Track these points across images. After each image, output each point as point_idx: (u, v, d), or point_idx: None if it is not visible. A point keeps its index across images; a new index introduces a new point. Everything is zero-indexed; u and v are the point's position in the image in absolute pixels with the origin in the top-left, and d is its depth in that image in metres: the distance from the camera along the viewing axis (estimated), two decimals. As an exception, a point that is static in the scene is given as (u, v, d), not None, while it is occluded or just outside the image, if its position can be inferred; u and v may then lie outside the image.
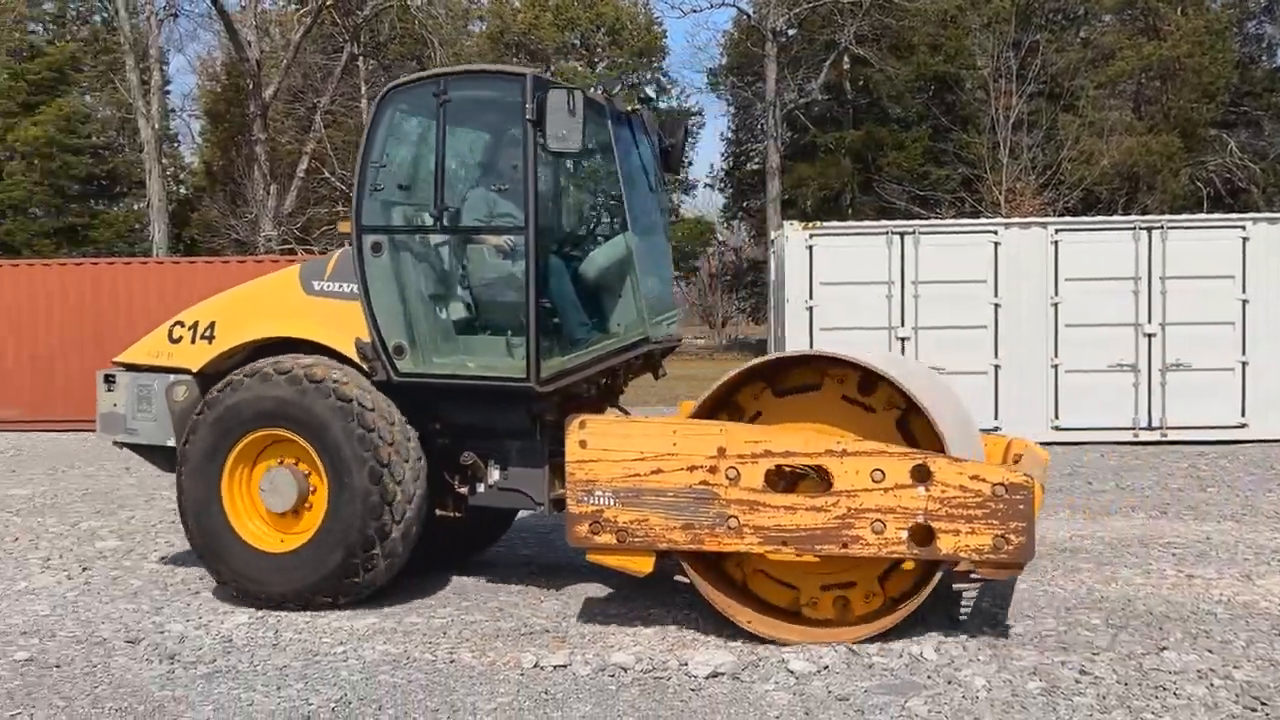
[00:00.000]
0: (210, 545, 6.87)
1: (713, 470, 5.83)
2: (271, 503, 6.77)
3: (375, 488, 6.52)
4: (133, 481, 12.31)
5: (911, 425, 5.97)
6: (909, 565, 5.97)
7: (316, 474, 6.72)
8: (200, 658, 5.87)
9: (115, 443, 7.72)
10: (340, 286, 6.98)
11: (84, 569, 7.98)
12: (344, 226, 7.24)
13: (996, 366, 14.75)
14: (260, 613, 6.71)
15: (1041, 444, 7.83)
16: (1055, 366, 14.73)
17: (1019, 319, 14.77)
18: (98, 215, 44.84)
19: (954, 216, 32.28)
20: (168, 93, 41.38)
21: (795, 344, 14.86)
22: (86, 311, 19.28)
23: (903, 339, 14.78)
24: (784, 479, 5.95)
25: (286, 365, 6.75)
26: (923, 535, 5.63)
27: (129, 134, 44.52)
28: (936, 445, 5.71)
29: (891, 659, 5.67)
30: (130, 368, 7.60)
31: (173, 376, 7.32)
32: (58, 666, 5.73)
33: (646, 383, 8.22)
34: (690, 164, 48.77)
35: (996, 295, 14.78)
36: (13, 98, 42.18)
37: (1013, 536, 5.50)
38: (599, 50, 45.18)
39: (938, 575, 5.81)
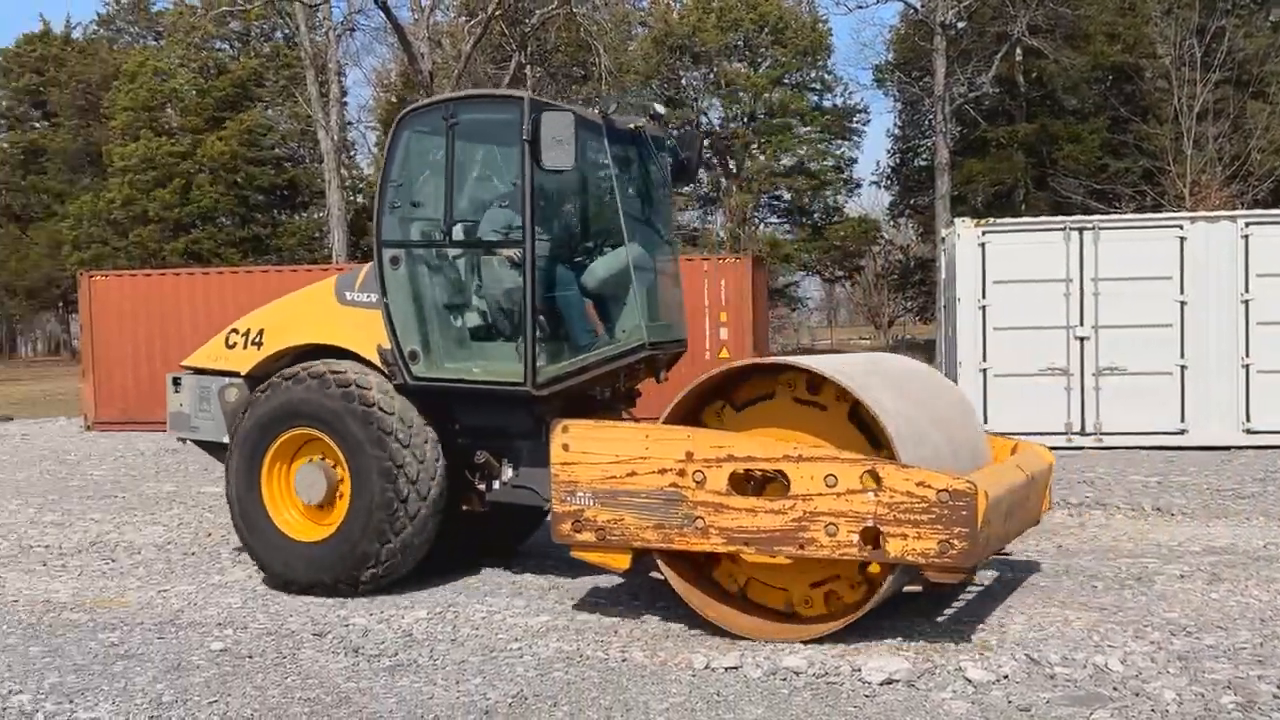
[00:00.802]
0: (250, 533, 7.50)
1: (681, 474, 6.09)
2: (304, 495, 7.32)
3: (390, 485, 7.00)
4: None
5: (862, 415, 6.09)
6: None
7: (343, 470, 7.22)
8: (383, 651, 6.07)
9: (179, 439, 8.56)
10: (368, 297, 7.50)
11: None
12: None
13: (1182, 367, 14.11)
14: (438, 608, 6.90)
15: (1232, 448, 7.47)
16: (1246, 366, 14.01)
17: (1206, 317, 14.10)
18: (280, 224, 46.91)
19: (1134, 211, 31.04)
20: (345, 105, 42.92)
21: (966, 344, 14.55)
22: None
23: (1081, 338, 14.27)
24: (754, 482, 6.09)
25: (319, 369, 7.32)
26: (872, 538, 5.75)
27: (309, 145, 46.38)
28: (884, 435, 5.87)
29: (1075, 669, 5.48)
30: (195, 371, 8.35)
31: (226, 379, 8.06)
32: (250, 657, 5.99)
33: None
34: (855, 161, 48.19)
35: (1182, 292, 14.15)
36: (200, 114, 44.44)
37: (956, 541, 5.58)
38: (762, 51, 44.96)
39: (890, 577, 5.87)
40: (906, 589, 6.37)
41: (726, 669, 5.64)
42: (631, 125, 7.67)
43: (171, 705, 5.23)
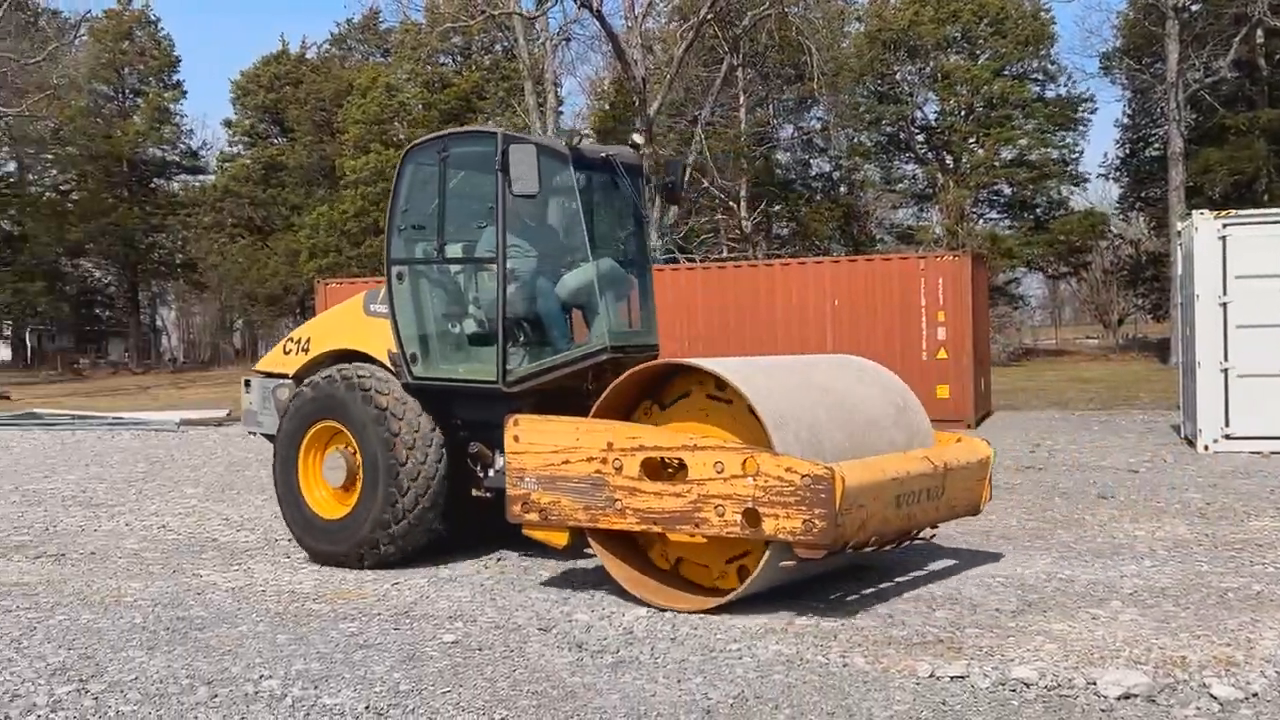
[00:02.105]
0: (288, 510, 8.75)
1: (604, 461, 6.87)
2: (330, 479, 8.47)
3: (390, 472, 8.05)
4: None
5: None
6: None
7: (358, 457, 8.30)
8: (605, 647, 6.17)
9: (250, 432, 10.14)
10: (385, 308, 8.62)
11: (498, 559, 8.60)
12: None
13: None
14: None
15: None
16: None
17: None
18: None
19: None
20: (560, 114, 43.90)
21: (1205, 343, 13.80)
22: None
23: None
24: (670, 469, 6.79)
25: (346, 372, 8.48)
26: (752, 518, 6.41)
27: (527, 154, 47.61)
28: (762, 426, 6.54)
29: (1335, 691, 5.11)
30: (262, 374, 9.70)
31: (280, 380, 9.38)
32: (480, 649, 6.20)
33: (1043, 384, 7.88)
34: (1081, 152, 46.22)
35: None
36: (426, 126, 46.25)
37: (817, 521, 6.20)
38: (981, 42, 43.70)
39: (768, 552, 6.53)
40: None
41: (952, 678, 5.50)
42: (602, 154, 8.44)
43: (408, 694, 5.46)
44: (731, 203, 41.64)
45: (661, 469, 6.80)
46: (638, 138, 9.27)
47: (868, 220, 47.98)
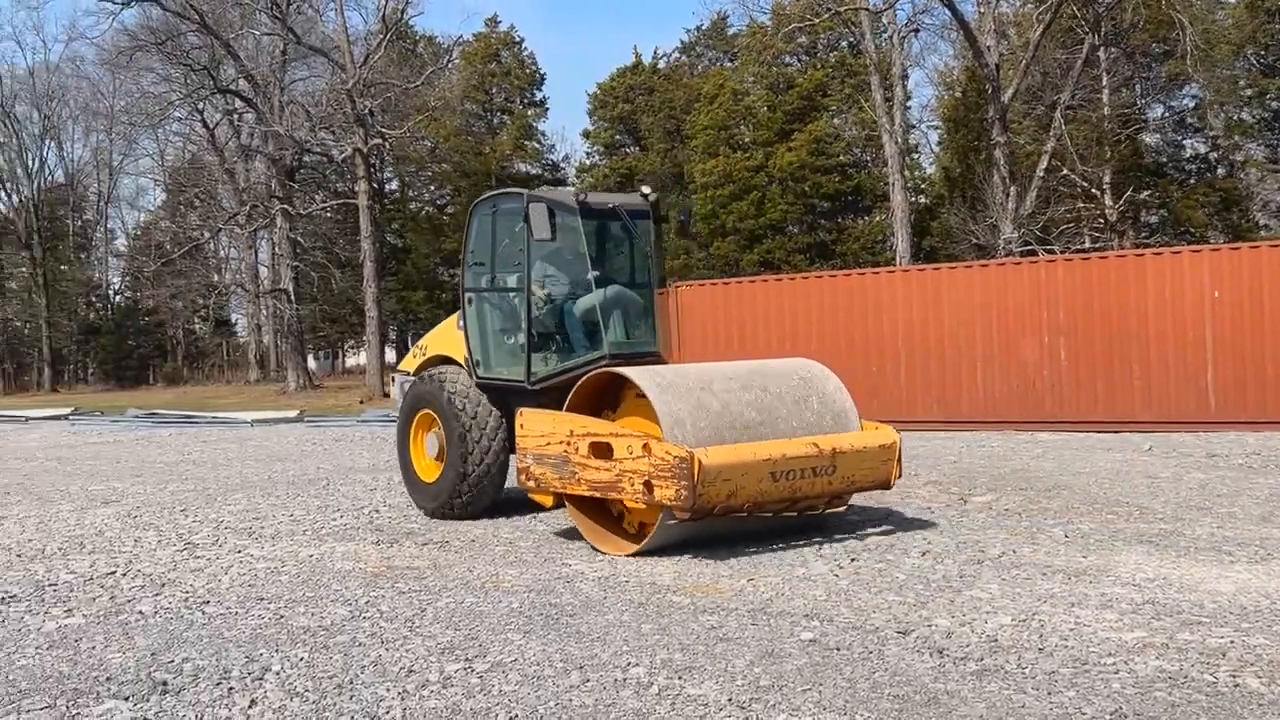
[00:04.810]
0: (405, 475, 11.71)
1: (568, 444, 9.11)
2: (429, 452, 11.29)
3: (460, 449, 10.73)
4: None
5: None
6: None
7: (443, 436, 11.00)
8: (968, 654, 6.00)
9: (393, 419, 13.00)
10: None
11: (852, 560, 8.53)
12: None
13: None
14: (1022, 615, 6.72)
15: None
16: None
17: None
18: (845, 230, 48.04)
19: None
20: (908, 107, 43.13)
21: None
22: (841, 319, 20.76)
23: None
24: (605, 450, 8.84)
25: (435, 373, 11.28)
26: (649, 488, 8.47)
27: (872, 150, 47.14)
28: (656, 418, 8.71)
29: None
30: (403, 373, 12.38)
31: (407, 377, 12.10)
32: (837, 649, 6.17)
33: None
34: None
35: None
36: (770, 127, 46.68)
37: (683, 491, 8.22)
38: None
39: (660, 514, 8.65)
40: None
41: (1366, 707, 4.96)
42: (609, 204, 10.85)
43: (769, 689, 5.52)
44: (1095, 190, 39.42)
45: (603, 450, 8.82)
46: (645, 189, 11.33)
47: (1250, 204, 44.06)
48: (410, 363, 12.23)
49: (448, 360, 11.47)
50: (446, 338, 11.69)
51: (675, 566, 8.51)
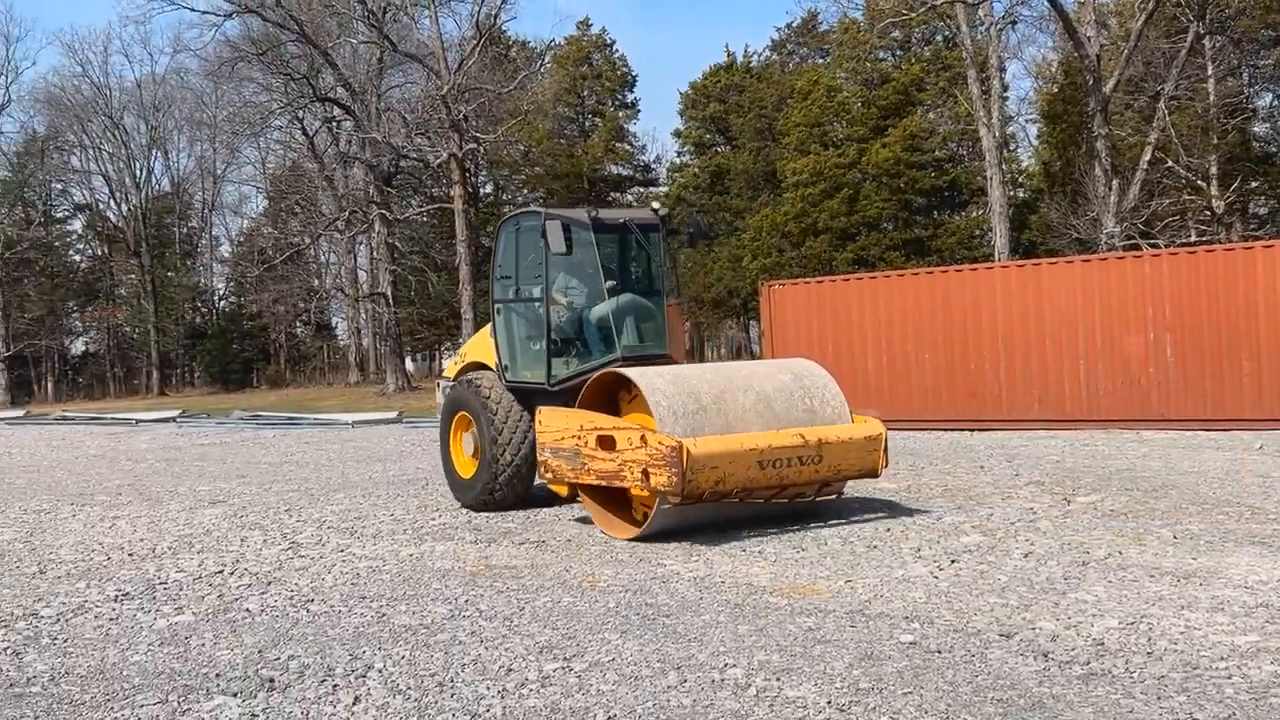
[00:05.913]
0: (446, 471, 12.58)
1: (579, 438, 9.93)
2: (466, 450, 12.15)
3: (492, 446, 11.57)
4: (988, 480, 12.70)
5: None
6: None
7: (478, 435, 11.82)
8: (1073, 658, 5.87)
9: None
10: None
11: (952, 561, 8.41)
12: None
13: None
14: (1130, 619, 6.56)
15: None
16: None
17: None
18: (941, 225, 47.37)
19: None
20: (1005, 100, 42.36)
21: None
22: (938, 316, 20.45)
23: None
24: (610, 442, 9.65)
25: (470, 377, 12.28)
26: (646, 476, 9.19)
27: (968, 144, 46.41)
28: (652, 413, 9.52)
29: None
30: (446, 379, 13.57)
31: (448, 382, 13.19)
32: (938, 652, 6.08)
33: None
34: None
35: None
36: (865, 123, 46.19)
37: (674, 478, 8.96)
38: None
39: (658, 500, 9.39)
40: None
41: None
42: (620, 219, 11.78)
43: (868, 692, 5.46)
44: (1200, 181, 38.32)
45: (608, 443, 9.61)
46: (655, 205, 12.18)
47: (1367, 193, 42.47)
48: (452, 369, 13.28)
49: (483, 366, 12.43)
50: (481, 345, 12.61)
51: (771, 568, 8.47)
